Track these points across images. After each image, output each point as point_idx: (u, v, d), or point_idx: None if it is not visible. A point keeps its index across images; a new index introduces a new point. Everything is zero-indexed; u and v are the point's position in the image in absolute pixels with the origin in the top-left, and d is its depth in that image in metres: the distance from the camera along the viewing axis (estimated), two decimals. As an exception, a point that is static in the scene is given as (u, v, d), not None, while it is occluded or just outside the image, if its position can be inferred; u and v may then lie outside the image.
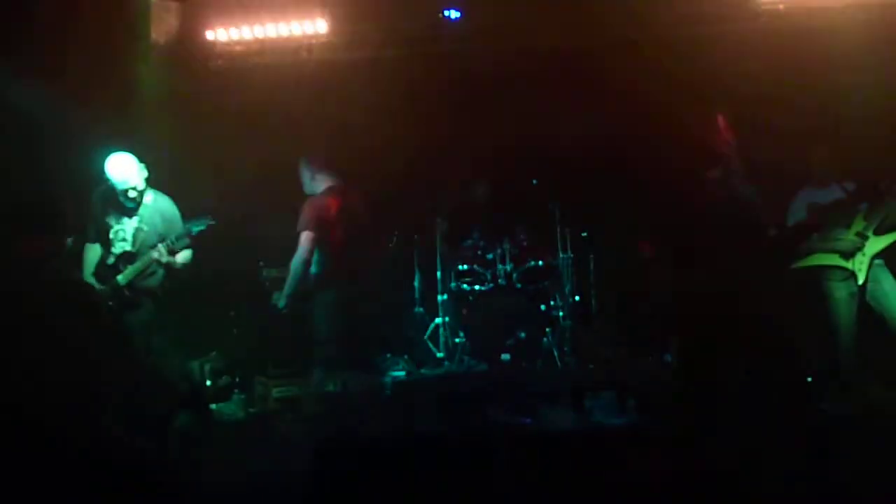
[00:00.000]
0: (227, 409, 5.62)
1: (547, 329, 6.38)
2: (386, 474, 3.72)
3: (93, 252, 4.73)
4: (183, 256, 4.71)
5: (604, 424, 4.73)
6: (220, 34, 6.57)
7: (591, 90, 6.66)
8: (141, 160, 4.61)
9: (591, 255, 6.80)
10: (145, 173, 4.60)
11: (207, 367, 5.97)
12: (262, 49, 6.72)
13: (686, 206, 4.73)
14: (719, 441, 3.82)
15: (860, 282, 4.88)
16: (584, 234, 6.84)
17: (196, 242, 4.80)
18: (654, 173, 5.56)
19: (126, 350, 4.54)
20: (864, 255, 4.86)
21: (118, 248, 4.61)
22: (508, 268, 6.49)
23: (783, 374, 4.71)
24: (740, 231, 4.32)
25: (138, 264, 4.54)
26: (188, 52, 6.60)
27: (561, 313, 6.52)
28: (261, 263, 5.97)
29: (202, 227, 4.62)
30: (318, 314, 5.09)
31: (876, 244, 4.87)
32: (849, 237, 4.92)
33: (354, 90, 6.58)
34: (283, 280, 5.76)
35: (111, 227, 4.63)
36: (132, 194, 4.53)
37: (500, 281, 6.47)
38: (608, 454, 3.90)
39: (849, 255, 4.89)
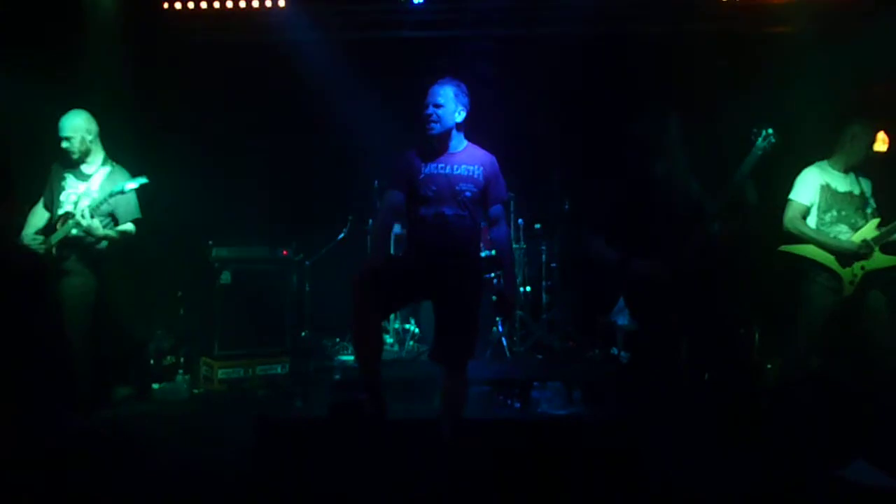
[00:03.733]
0: (171, 389, 5.52)
1: (497, 319, 6.41)
2: (331, 459, 3.71)
3: (38, 215, 4.71)
4: (103, 228, 4.60)
5: (550, 415, 4.79)
6: (176, 5, 6.43)
7: (547, 83, 6.71)
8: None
9: (544, 247, 6.84)
10: (92, 129, 4.67)
11: (152, 347, 5.88)
12: (219, 24, 6.60)
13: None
14: (667, 433, 3.88)
15: (846, 294, 4.22)
16: (538, 227, 6.89)
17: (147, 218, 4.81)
18: (604, 167, 5.56)
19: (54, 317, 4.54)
20: (862, 267, 4.18)
21: (62, 209, 4.63)
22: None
23: (735, 365, 4.74)
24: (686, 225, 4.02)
25: (68, 225, 4.52)
26: (146, 25, 6.43)
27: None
28: (210, 242, 5.85)
29: (135, 186, 4.57)
30: None
31: (878, 261, 4.19)
32: (854, 239, 4.23)
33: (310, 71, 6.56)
34: (233, 260, 5.73)
35: (63, 190, 4.66)
36: (65, 145, 4.58)
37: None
38: (553, 445, 3.95)
39: (846, 261, 4.22)
